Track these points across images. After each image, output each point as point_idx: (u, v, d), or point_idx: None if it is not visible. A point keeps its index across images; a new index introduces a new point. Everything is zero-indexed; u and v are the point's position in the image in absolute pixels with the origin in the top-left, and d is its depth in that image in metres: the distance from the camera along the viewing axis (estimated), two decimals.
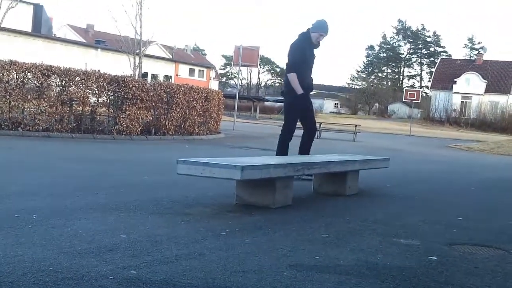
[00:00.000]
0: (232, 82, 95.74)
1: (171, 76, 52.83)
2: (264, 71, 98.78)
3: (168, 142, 14.68)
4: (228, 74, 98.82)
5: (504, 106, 60.19)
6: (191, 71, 59.67)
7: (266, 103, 63.36)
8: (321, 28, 7.74)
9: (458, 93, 64.90)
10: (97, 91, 14.32)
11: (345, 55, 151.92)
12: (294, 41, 7.86)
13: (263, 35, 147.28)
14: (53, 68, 13.56)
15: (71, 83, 13.75)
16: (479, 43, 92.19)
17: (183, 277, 3.05)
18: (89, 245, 3.56)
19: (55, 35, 51.46)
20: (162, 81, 20.00)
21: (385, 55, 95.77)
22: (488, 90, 64.36)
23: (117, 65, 38.93)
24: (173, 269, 3.17)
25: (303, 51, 7.75)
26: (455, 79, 65.70)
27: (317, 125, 25.21)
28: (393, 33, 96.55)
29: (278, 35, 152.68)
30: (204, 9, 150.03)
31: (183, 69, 57.78)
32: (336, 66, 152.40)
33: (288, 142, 7.95)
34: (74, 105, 13.96)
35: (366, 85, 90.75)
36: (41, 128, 13.21)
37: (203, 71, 62.50)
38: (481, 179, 10.69)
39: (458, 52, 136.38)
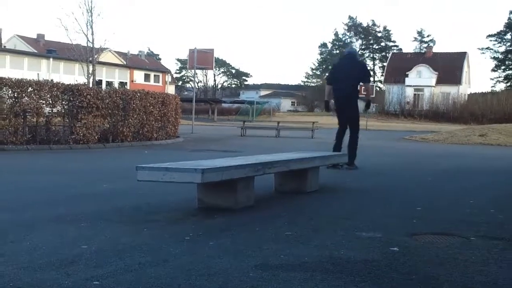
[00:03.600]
0: (188, 85, 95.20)
1: (126, 83, 52.25)
2: (219, 73, 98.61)
3: (126, 149, 14.51)
4: (184, 77, 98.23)
5: (455, 97, 61.58)
6: (147, 77, 59.14)
7: (224, 104, 63.27)
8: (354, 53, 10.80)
9: (410, 86, 66.11)
10: (51, 101, 14.04)
11: (299, 53, 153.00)
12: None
13: (217, 37, 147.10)
14: (5, 80, 13.23)
15: (23, 94, 13.44)
16: (428, 36, 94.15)
17: (148, 284, 3.02)
18: (49, 258, 3.49)
19: (4, 46, 50.32)
20: (117, 88, 19.75)
21: (338, 51, 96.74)
22: (439, 81, 65.76)
23: (70, 74, 38.31)
24: (137, 278, 3.14)
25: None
26: (407, 72, 66.92)
27: (275, 124, 25.35)
28: (345, 29, 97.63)
29: (233, 36, 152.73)
30: (156, 15, 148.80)
31: (138, 75, 57.22)
32: (292, 65, 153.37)
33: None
34: (28, 116, 13.66)
35: (321, 82, 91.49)
36: None
37: (158, 76, 62.01)
38: (437, 169, 10.91)
39: (408, 46, 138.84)
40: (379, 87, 78.30)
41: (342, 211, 5.64)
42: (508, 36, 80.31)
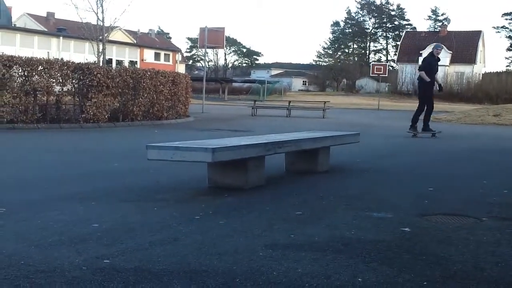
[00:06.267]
0: (199, 64, 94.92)
1: (136, 62, 52.16)
2: (230, 52, 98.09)
3: (136, 128, 14.53)
4: (195, 56, 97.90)
5: (470, 76, 60.95)
6: (157, 56, 58.99)
7: (234, 84, 63.01)
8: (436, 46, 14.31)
9: None
10: (61, 80, 14.04)
11: (311, 32, 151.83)
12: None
13: (228, 15, 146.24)
14: (15, 59, 13.24)
15: (34, 73, 13.45)
16: (442, 14, 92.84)
17: (158, 263, 3.02)
18: (60, 237, 3.50)
19: (14, 25, 50.30)
20: (127, 67, 19.71)
21: (350, 30, 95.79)
22: (453, 60, 65.07)
23: (80, 52, 38.30)
24: (147, 256, 3.14)
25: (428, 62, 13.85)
26: (420, 52, 66.14)
27: (286, 103, 25.29)
28: (358, 8, 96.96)
29: (244, 15, 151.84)
30: None
31: (149, 54, 57.07)
32: (303, 43, 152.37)
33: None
34: (38, 95, 13.69)
35: (333, 61, 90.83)
36: (5, 120, 12.93)
37: (169, 54, 61.84)
38: (450, 149, 10.83)
39: (423, 24, 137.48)
40: (392, 66, 77.69)
41: (353, 191, 5.61)
42: None
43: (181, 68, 59.46)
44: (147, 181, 5.74)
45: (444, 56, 65.78)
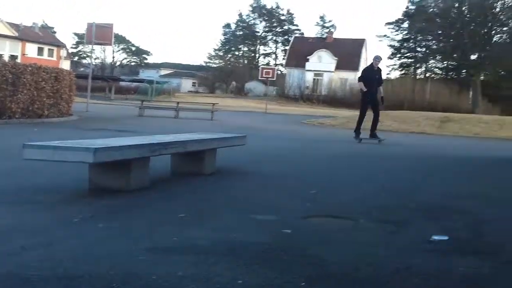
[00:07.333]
0: (85, 61, 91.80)
1: (17, 56, 49.64)
2: (119, 50, 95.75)
3: (14, 126, 13.78)
4: (81, 53, 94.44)
5: (353, 83, 63.43)
6: (40, 50, 56.52)
7: (122, 83, 61.56)
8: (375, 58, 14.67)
9: (310, 70, 67.52)
10: None
11: (202, 33, 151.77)
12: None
13: (117, 12, 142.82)
14: None
15: None
16: (329, 21, 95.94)
17: (31, 268, 2.86)
18: None
19: None
20: (7, 61, 18.66)
21: (241, 33, 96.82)
22: (338, 67, 67.60)
23: None
24: (19, 261, 2.97)
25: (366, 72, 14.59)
26: (307, 57, 68.25)
27: (175, 104, 25.11)
28: (249, 11, 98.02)
29: (133, 13, 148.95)
30: None
31: (31, 48, 54.55)
32: (194, 45, 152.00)
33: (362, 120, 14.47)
34: None
35: (223, 63, 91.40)
36: None
37: (53, 50, 59.44)
38: (333, 154, 11.20)
39: (311, 30, 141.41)
40: (280, 70, 79.33)
41: (238, 194, 5.64)
42: (405, 25, 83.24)
43: (65, 65, 57.22)
44: (22, 183, 5.43)
45: (330, 62, 68.30)
